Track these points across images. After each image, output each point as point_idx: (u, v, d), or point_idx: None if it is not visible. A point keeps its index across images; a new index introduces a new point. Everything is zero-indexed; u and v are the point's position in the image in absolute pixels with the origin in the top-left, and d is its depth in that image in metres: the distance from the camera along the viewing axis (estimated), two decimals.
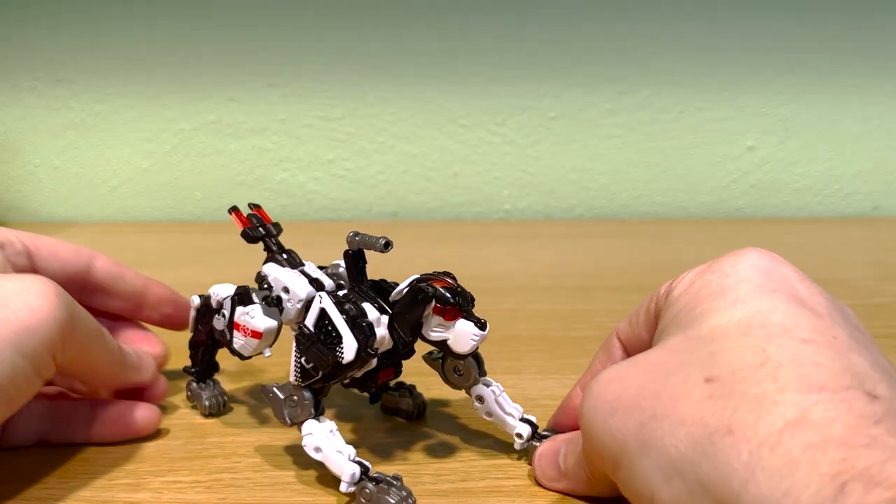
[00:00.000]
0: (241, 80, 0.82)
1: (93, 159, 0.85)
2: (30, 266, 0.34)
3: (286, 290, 0.32)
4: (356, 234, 0.32)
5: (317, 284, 0.33)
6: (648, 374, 0.25)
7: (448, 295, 0.30)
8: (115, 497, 0.30)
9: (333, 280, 0.34)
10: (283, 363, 0.43)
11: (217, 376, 0.38)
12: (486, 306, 0.54)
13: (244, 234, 0.35)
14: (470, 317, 0.30)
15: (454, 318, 0.30)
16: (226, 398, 0.38)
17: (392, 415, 0.38)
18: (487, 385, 0.33)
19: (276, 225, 0.36)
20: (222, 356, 0.38)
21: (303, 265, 0.34)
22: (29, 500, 0.29)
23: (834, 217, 0.89)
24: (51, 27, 0.81)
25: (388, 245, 0.31)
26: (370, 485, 0.29)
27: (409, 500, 0.29)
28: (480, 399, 0.33)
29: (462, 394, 0.34)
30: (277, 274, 0.33)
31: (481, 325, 0.30)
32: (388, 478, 0.29)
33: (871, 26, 0.83)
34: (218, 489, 0.31)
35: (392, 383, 0.38)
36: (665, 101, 0.84)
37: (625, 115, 0.84)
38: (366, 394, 0.36)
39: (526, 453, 0.34)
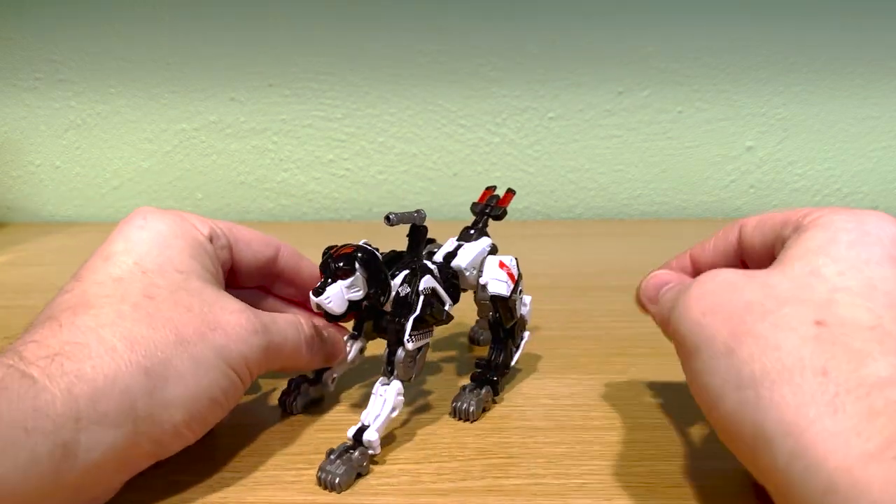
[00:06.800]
0: (241, 81, 0.83)
1: (94, 159, 0.85)
2: (230, 258, 0.37)
3: None
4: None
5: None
6: (763, 292, 0.26)
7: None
8: (117, 495, 0.30)
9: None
10: None
11: None
12: None
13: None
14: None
15: None
16: None
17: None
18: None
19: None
20: None
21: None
22: None
23: None
24: (52, 27, 0.82)
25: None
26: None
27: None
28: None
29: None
30: None
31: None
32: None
33: (870, 26, 0.83)
34: (219, 488, 0.31)
35: None
36: (664, 102, 0.84)
37: (624, 115, 0.85)
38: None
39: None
